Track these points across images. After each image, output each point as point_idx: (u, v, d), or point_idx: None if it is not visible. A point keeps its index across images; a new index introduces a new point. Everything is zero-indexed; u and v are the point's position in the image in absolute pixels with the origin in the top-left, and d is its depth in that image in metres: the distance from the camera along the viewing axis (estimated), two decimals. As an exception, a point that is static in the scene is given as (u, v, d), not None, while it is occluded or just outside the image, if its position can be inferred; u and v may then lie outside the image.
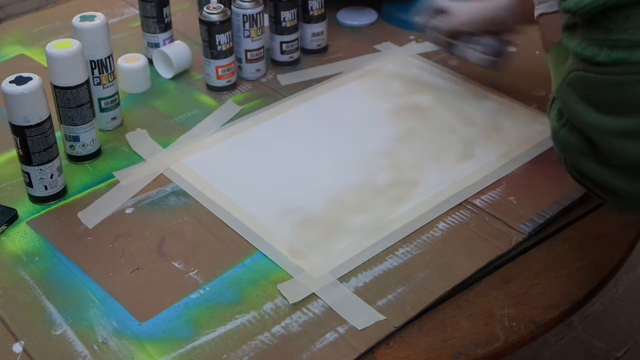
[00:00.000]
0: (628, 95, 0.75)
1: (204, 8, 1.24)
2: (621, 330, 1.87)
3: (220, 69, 1.25)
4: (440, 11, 1.24)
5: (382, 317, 0.87)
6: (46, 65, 1.08)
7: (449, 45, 1.24)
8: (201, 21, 1.23)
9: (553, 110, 0.88)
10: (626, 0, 0.74)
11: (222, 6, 1.23)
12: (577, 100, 0.80)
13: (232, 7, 1.26)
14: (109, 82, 1.16)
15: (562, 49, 0.91)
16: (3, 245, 0.99)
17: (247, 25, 1.26)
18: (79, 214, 1.03)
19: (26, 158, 1.02)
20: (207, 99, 1.27)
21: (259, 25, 1.27)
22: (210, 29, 1.22)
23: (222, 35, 1.23)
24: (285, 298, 0.90)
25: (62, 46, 1.06)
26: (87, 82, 1.08)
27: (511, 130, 1.17)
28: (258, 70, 1.31)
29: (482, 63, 1.20)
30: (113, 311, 0.89)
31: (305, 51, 1.37)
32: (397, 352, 0.85)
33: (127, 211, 1.04)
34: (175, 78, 1.32)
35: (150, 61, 1.33)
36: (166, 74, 1.32)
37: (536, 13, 1.01)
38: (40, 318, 0.89)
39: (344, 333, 0.86)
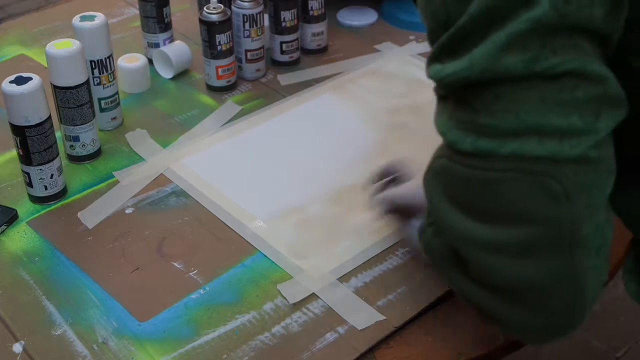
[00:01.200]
0: (496, 198, 0.62)
1: (204, 8, 1.24)
2: (621, 330, 1.87)
3: (220, 69, 1.25)
4: (399, 179, 0.95)
5: (382, 317, 0.87)
6: (46, 65, 1.08)
7: (401, 219, 0.93)
8: (201, 21, 1.23)
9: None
10: (493, 77, 0.60)
11: (222, 6, 1.23)
12: (442, 197, 0.67)
13: (232, 7, 1.26)
14: (109, 82, 1.16)
15: None
16: (3, 245, 0.99)
17: (247, 25, 1.26)
18: (79, 214, 1.03)
19: (26, 158, 1.02)
20: (207, 99, 1.27)
21: (259, 25, 1.27)
22: (210, 29, 1.22)
23: (222, 35, 1.23)
24: (285, 298, 0.90)
25: (62, 46, 1.06)
26: (87, 82, 1.08)
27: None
28: (258, 70, 1.31)
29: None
30: (113, 311, 0.89)
31: (305, 51, 1.37)
32: (397, 352, 0.85)
33: (127, 211, 1.04)
34: (175, 78, 1.32)
35: (150, 61, 1.33)
36: (166, 74, 1.32)
37: None
38: (40, 318, 0.89)
39: (344, 333, 0.86)
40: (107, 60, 1.15)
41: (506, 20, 0.59)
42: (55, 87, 1.07)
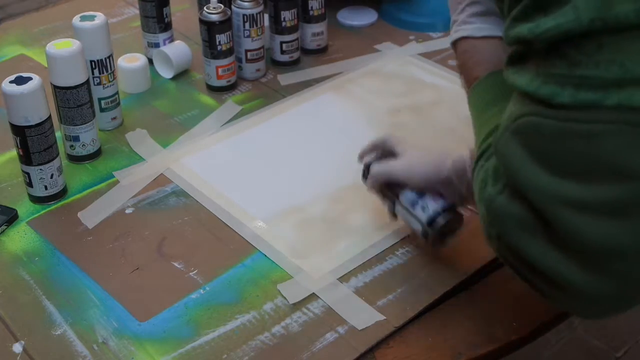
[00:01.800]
0: (595, 153, 0.58)
1: (204, 8, 1.24)
2: (621, 330, 1.87)
3: (220, 69, 1.25)
4: (390, 152, 0.95)
5: (382, 317, 0.87)
6: (46, 65, 1.08)
7: (387, 198, 0.95)
8: (201, 21, 1.23)
9: (480, 170, 0.71)
10: (603, 26, 0.57)
11: (222, 6, 1.23)
12: (524, 157, 0.62)
13: (232, 7, 1.26)
14: (109, 82, 1.16)
15: (492, 86, 0.76)
16: (3, 245, 0.99)
17: (247, 25, 1.26)
18: (79, 214, 1.03)
19: (26, 158, 1.02)
20: (207, 99, 1.27)
21: (259, 25, 1.27)
22: (210, 29, 1.22)
23: (222, 35, 1.23)
24: (285, 298, 0.90)
25: (62, 46, 1.06)
26: (87, 82, 1.08)
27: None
28: (258, 70, 1.31)
29: (416, 232, 0.93)
30: (113, 311, 0.89)
31: (305, 51, 1.37)
32: (397, 352, 0.85)
33: (127, 211, 1.04)
34: (175, 78, 1.32)
35: (150, 61, 1.33)
36: (166, 74, 1.32)
37: (453, 36, 0.83)
38: (40, 318, 0.89)
39: (344, 333, 0.86)
40: (107, 60, 1.15)
41: None
42: (55, 87, 1.07)
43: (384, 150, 0.96)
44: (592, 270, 0.61)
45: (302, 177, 1.09)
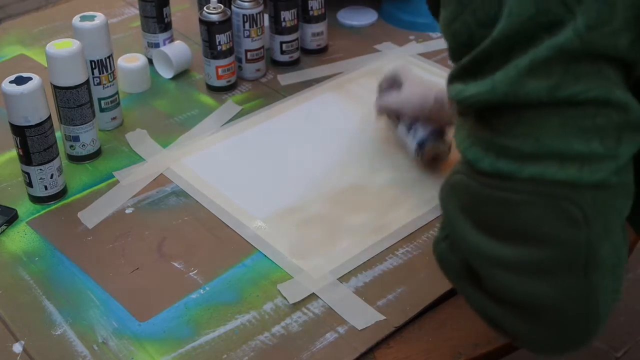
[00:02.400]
0: (513, 219, 0.62)
1: (204, 8, 1.24)
2: (621, 330, 1.87)
3: (220, 69, 1.25)
4: (398, 84, 1.12)
5: (382, 317, 0.87)
6: (46, 65, 1.08)
7: (393, 122, 1.12)
8: (201, 21, 1.23)
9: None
10: (515, 101, 0.60)
11: (222, 6, 1.23)
12: (457, 212, 0.66)
13: (232, 7, 1.26)
14: (109, 82, 1.16)
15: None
16: (3, 245, 0.99)
17: (247, 25, 1.26)
18: (79, 214, 1.03)
19: (26, 158, 1.02)
20: (207, 99, 1.27)
21: (259, 25, 1.27)
22: (210, 29, 1.22)
23: (222, 35, 1.23)
24: (285, 298, 0.90)
25: (62, 46, 1.06)
26: (87, 82, 1.08)
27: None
28: (258, 70, 1.31)
29: (411, 154, 1.09)
30: (113, 311, 0.89)
31: (305, 51, 1.37)
32: (397, 352, 0.85)
33: (127, 211, 1.04)
34: (175, 78, 1.32)
35: (150, 61, 1.33)
36: (166, 74, 1.32)
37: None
38: (40, 318, 0.89)
39: (344, 333, 0.86)
40: (107, 60, 1.15)
41: (529, 46, 0.59)
42: (55, 87, 1.07)
43: (394, 82, 1.12)
44: (527, 322, 0.65)
45: (302, 177, 1.09)
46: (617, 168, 0.60)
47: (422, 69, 1.32)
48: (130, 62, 1.28)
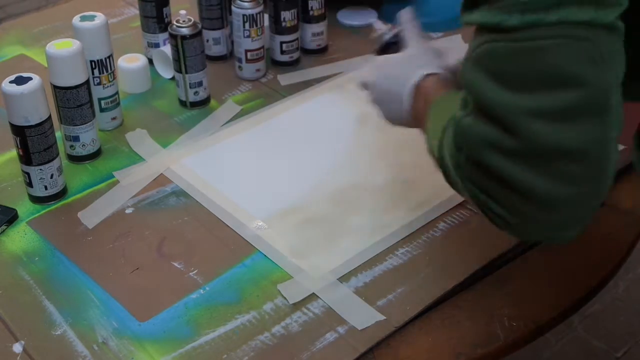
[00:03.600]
0: (543, 64, 0.67)
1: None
2: (621, 330, 1.87)
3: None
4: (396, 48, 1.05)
5: (382, 317, 0.87)
6: (46, 65, 1.08)
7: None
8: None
9: (443, 148, 0.77)
10: None
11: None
12: (485, 79, 0.70)
13: (232, 7, 1.26)
14: (109, 82, 1.16)
15: (448, 102, 0.81)
16: (3, 245, 0.99)
17: (247, 25, 1.26)
18: (79, 214, 1.03)
19: (26, 158, 1.02)
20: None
21: (259, 25, 1.27)
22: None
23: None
24: (285, 298, 0.90)
25: (62, 46, 1.06)
26: (87, 82, 1.08)
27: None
28: (258, 70, 1.31)
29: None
30: (113, 311, 0.89)
31: (305, 51, 1.37)
32: (397, 352, 0.85)
33: (127, 211, 1.04)
34: (175, 78, 1.32)
35: (150, 61, 1.33)
36: (166, 74, 1.32)
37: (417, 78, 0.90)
38: (40, 318, 0.89)
39: (344, 333, 0.86)
40: (107, 60, 1.15)
41: None
42: (55, 87, 1.07)
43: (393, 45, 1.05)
44: (550, 175, 0.68)
45: (302, 177, 1.09)
46: (620, 15, 0.67)
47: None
48: (130, 62, 1.28)
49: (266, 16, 1.31)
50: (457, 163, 0.74)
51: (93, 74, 1.14)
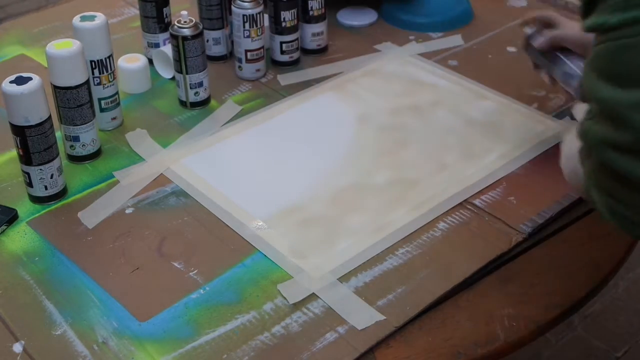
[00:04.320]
0: None
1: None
2: (621, 330, 1.87)
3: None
4: (548, 24, 1.13)
5: (382, 317, 0.87)
6: (46, 65, 1.08)
7: (545, 60, 1.13)
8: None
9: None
10: None
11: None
12: (596, 80, 0.73)
13: (232, 7, 1.26)
14: (109, 82, 1.16)
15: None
16: (3, 245, 0.99)
17: (247, 25, 1.26)
18: (79, 214, 1.03)
19: (26, 158, 1.02)
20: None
21: (259, 25, 1.27)
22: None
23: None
24: (285, 298, 0.90)
25: (62, 46, 1.06)
26: (87, 82, 1.08)
27: (511, 130, 1.17)
28: (258, 70, 1.31)
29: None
30: (113, 311, 0.89)
31: (305, 51, 1.37)
32: (397, 352, 0.85)
33: (127, 211, 1.04)
34: (175, 78, 1.32)
35: (150, 61, 1.33)
36: (166, 74, 1.32)
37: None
38: (40, 318, 0.89)
39: (344, 333, 0.86)
40: (107, 60, 1.15)
41: None
42: (55, 87, 1.07)
43: (546, 23, 1.13)
44: None
45: (302, 177, 1.09)
46: None
47: (422, 69, 1.32)
48: (130, 62, 1.28)
49: (266, 16, 1.31)
50: (588, 172, 0.77)
51: (93, 74, 1.14)
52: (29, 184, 1.04)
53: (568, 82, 1.09)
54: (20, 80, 0.99)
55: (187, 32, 1.19)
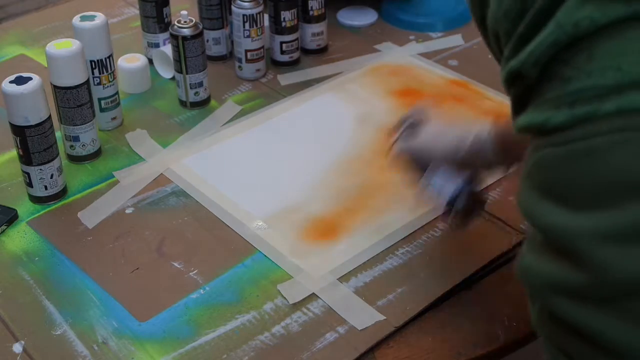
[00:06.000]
0: (602, 171, 0.51)
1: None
2: (621, 330, 1.87)
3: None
4: (417, 125, 0.96)
5: (382, 317, 0.87)
6: (46, 65, 1.08)
7: (419, 172, 0.94)
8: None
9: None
10: (585, 32, 0.52)
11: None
12: (538, 199, 0.56)
13: (232, 7, 1.26)
14: (109, 82, 1.16)
15: None
16: (3, 245, 0.99)
17: (247, 25, 1.26)
18: (79, 214, 1.03)
19: (26, 158, 1.02)
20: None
21: (259, 25, 1.27)
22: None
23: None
24: (285, 298, 0.90)
25: (62, 46, 1.06)
26: (87, 82, 1.08)
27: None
28: (258, 70, 1.31)
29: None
30: (113, 311, 0.89)
31: (305, 51, 1.37)
32: (397, 352, 0.85)
33: (127, 211, 1.04)
34: (175, 78, 1.32)
35: (150, 61, 1.33)
36: (166, 74, 1.32)
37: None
38: (40, 318, 0.89)
39: (344, 333, 0.86)
40: (107, 60, 1.15)
41: None
42: (55, 87, 1.07)
43: (412, 125, 0.95)
44: (633, 322, 0.53)
45: (302, 177, 1.09)
46: None
47: (422, 69, 1.33)
48: (130, 62, 1.28)
49: (266, 16, 1.31)
50: (534, 319, 0.61)
51: (93, 74, 1.14)
52: (29, 184, 1.04)
53: (435, 204, 0.94)
54: (20, 80, 0.99)
55: (187, 32, 1.19)
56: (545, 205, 0.55)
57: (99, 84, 1.15)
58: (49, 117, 1.02)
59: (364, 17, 1.48)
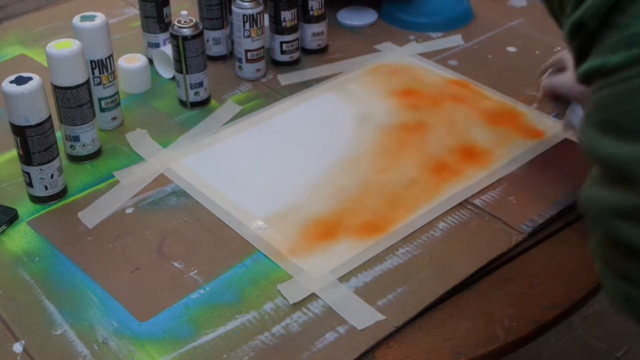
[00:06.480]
0: None
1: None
2: (621, 330, 1.87)
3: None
4: (562, 68, 1.10)
5: (382, 317, 0.87)
6: (46, 65, 1.08)
7: (560, 107, 1.12)
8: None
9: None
10: None
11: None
12: (599, 135, 0.60)
13: (232, 7, 1.27)
14: (109, 82, 1.16)
15: None
16: (3, 245, 0.99)
17: (247, 25, 1.26)
18: (79, 214, 1.03)
19: (26, 158, 1.02)
20: (207, 99, 1.27)
21: (259, 25, 1.27)
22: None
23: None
24: (285, 298, 0.90)
25: (62, 46, 1.06)
26: (87, 82, 1.08)
27: (511, 130, 1.17)
28: (258, 70, 1.31)
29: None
30: (113, 311, 0.89)
31: (305, 51, 1.37)
32: (397, 352, 0.85)
33: (127, 211, 1.04)
34: (175, 78, 1.32)
35: (151, 61, 1.33)
36: (166, 74, 1.32)
37: None
38: (40, 318, 0.89)
39: (344, 333, 0.86)
40: (107, 60, 1.15)
41: None
42: (56, 87, 1.07)
43: (560, 66, 1.10)
44: None
45: (302, 177, 1.09)
46: None
47: (422, 69, 1.32)
48: (130, 62, 1.28)
49: (266, 16, 1.31)
50: (594, 250, 0.65)
51: (93, 74, 1.14)
52: (29, 184, 1.04)
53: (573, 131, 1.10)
54: (20, 80, 0.99)
55: (187, 32, 1.19)
56: (605, 139, 0.60)
57: (99, 84, 1.15)
58: (49, 117, 1.02)
59: (364, 17, 1.48)
